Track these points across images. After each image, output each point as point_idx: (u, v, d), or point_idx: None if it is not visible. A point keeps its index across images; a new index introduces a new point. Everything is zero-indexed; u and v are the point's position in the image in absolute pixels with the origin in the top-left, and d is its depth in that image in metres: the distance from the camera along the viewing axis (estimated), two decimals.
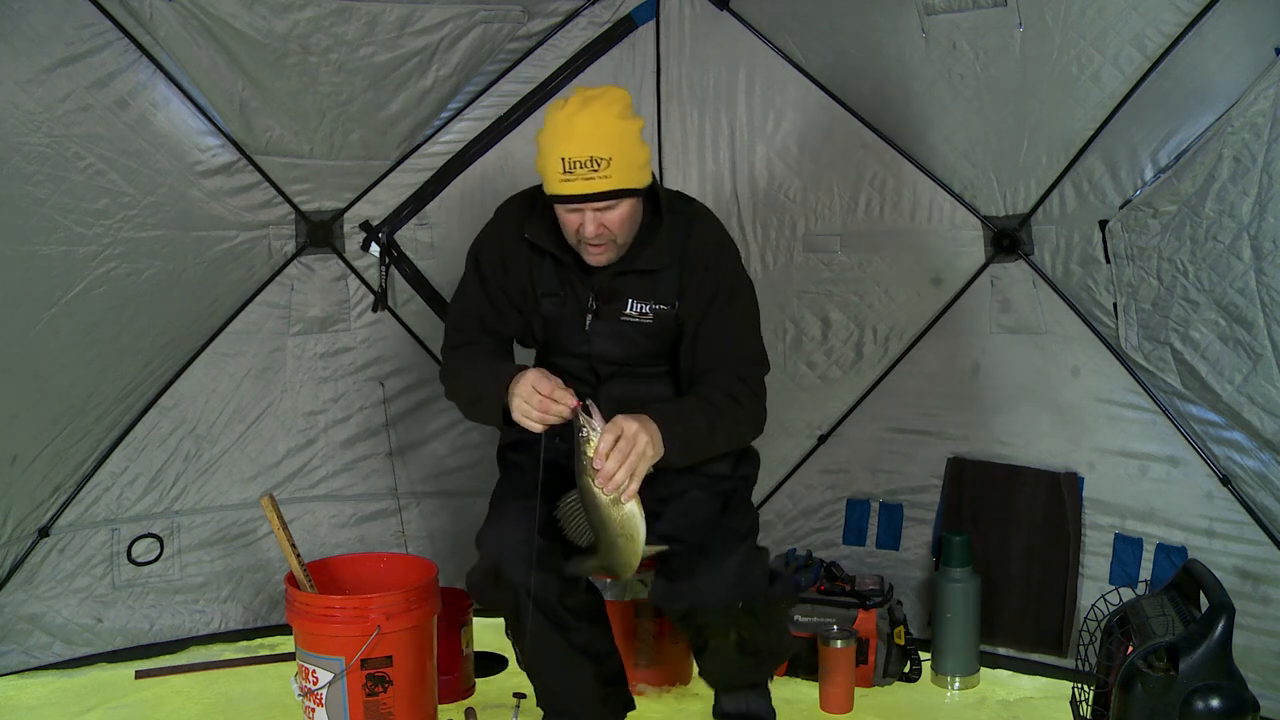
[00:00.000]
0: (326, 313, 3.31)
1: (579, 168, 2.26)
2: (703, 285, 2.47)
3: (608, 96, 2.31)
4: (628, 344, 2.50)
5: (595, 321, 2.49)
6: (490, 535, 2.43)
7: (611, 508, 2.18)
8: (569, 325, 2.51)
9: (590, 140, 2.26)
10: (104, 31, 2.74)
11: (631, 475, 2.17)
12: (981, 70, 2.88)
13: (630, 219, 2.37)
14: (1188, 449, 2.82)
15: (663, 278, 2.47)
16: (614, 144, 2.27)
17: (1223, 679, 2.13)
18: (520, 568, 2.33)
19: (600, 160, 2.25)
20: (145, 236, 2.92)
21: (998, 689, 3.02)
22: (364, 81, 3.05)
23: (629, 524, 2.19)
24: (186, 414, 3.20)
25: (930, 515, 3.24)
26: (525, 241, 2.48)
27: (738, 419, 2.44)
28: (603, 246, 2.38)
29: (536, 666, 2.53)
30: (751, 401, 2.47)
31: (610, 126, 2.28)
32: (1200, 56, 2.55)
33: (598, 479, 2.16)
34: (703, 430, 2.36)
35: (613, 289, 2.48)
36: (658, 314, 2.48)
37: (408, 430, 3.43)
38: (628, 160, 2.29)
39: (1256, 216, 2.44)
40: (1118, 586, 2.60)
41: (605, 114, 2.28)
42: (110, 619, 3.13)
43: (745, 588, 2.37)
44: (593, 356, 2.52)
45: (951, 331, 3.19)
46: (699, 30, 3.35)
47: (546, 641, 2.42)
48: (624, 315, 2.48)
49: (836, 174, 3.25)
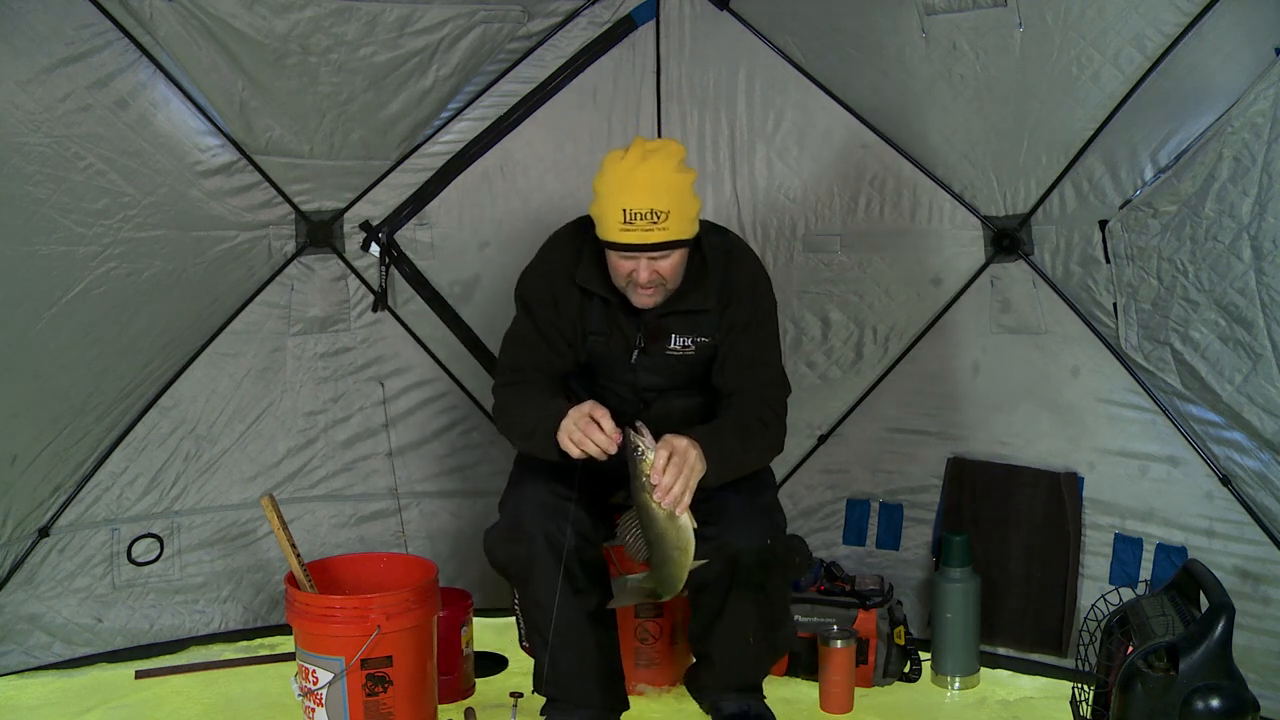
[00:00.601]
0: (326, 313, 3.31)
1: (639, 219, 2.39)
2: (739, 314, 2.62)
3: (667, 150, 2.46)
4: (670, 374, 2.66)
5: (641, 356, 2.63)
6: (512, 494, 2.57)
7: (668, 521, 2.31)
8: (616, 360, 2.65)
9: (651, 193, 2.40)
10: (104, 31, 2.74)
11: (685, 489, 2.30)
12: (981, 70, 2.88)
13: (680, 266, 2.52)
14: (1188, 449, 2.82)
15: (706, 314, 2.62)
16: (673, 197, 2.42)
17: (1223, 679, 2.13)
18: (541, 516, 2.46)
19: (660, 213, 2.39)
20: (145, 236, 2.92)
21: (998, 689, 3.02)
22: (364, 81, 3.05)
23: (683, 536, 2.32)
24: (186, 414, 3.20)
25: (930, 515, 3.24)
26: (574, 284, 2.61)
27: (765, 440, 2.60)
28: (652, 290, 2.51)
29: (544, 633, 2.53)
30: (776, 424, 2.62)
31: (670, 180, 2.42)
32: (1200, 56, 2.55)
33: (655, 493, 2.28)
34: (738, 451, 2.49)
35: (659, 328, 2.62)
36: (699, 345, 2.63)
37: (408, 430, 3.43)
38: (684, 213, 2.44)
39: (1256, 216, 2.44)
40: (1118, 586, 2.60)
41: (664, 167, 2.42)
42: (110, 619, 3.13)
43: (771, 529, 2.52)
44: (637, 386, 2.66)
45: (951, 331, 3.19)
46: (699, 30, 3.35)
47: (559, 602, 2.48)
48: (669, 350, 2.63)
49: (836, 174, 3.25)
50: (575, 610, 2.53)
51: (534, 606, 2.54)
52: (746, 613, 2.57)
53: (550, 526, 2.48)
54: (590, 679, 2.59)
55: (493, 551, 2.59)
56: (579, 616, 2.54)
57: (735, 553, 2.49)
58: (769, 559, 2.52)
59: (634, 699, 2.94)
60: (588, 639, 2.56)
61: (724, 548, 2.48)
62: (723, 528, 2.49)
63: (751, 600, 2.55)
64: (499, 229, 3.38)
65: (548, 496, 2.50)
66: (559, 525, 2.47)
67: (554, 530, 2.47)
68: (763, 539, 2.50)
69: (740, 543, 2.48)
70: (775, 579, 2.58)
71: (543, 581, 2.50)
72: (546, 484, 2.52)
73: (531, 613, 2.57)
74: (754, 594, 2.55)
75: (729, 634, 2.61)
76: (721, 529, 2.49)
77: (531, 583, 2.52)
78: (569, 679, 2.58)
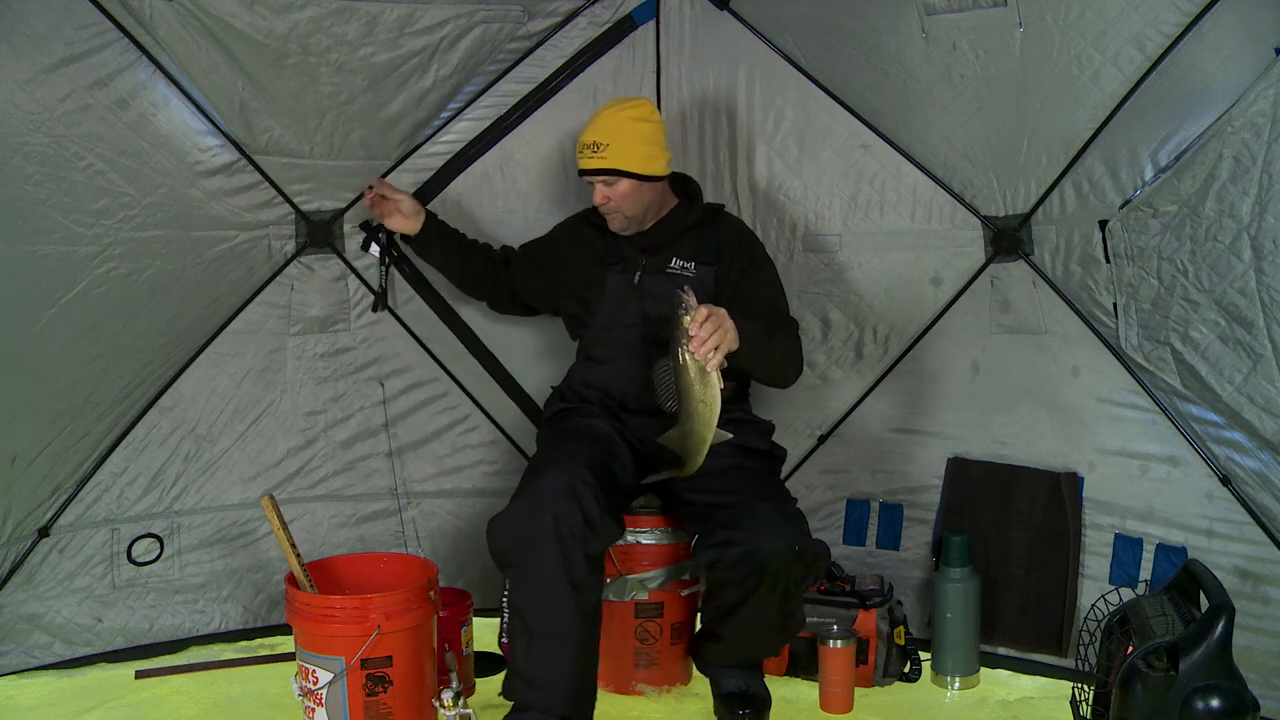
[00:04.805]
0: (326, 313, 3.31)
1: (586, 149, 2.84)
2: (739, 253, 2.94)
3: (626, 102, 2.91)
4: (670, 297, 2.67)
5: (644, 276, 2.91)
6: (530, 477, 2.67)
7: (699, 374, 2.48)
8: (621, 286, 2.93)
9: (597, 130, 2.84)
10: (104, 31, 2.73)
11: (717, 347, 2.45)
12: (981, 70, 2.88)
13: (632, 196, 2.86)
14: (1188, 449, 2.82)
15: (702, 239, 2.93)
16: (615, 133, 2.82)
17: (1223, 679, 2.13)
18: (555, 495, 2.53)
19: (601, 144, 2.82)
20: (145, 236, 2.92)
21: (998, 689, 3.02)
22: (364, 81, 3.05)
23: (710, 392, 2.50)
24: (186, 414, 3.20)
25: (930, 515, 3.24)
26: (589, 224, 3.04)
27: (788, 338, 2.84)
28: (613, 214, 2.90)
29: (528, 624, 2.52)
30: (796, 338, 2.87)
31: (617, 121, 2.84)
32: (1200, 56, 2.55)
33: (692, 344, 2.45)
34: (764, 337, 2.67)
35: (657, 248, 2.94)
36: (700, 270, 2.90)
37: (408, 430, 3.43)
38: (625, 147, 2.81)
39: (1256, 216, 2.44)
40: (1118, 586, 2.61)
41: (618, 114, 2.85)
42: (110, 619, 3.13)
43: (797, 535, 2.60)
44: (645, 313, 2.88)
45: (951, 331, 3.19)
46: (699, 30, 3.35)
47: (552, 589, 2.49)
48: (669, 269, 2.91)
49: (836, 174, 3.25)
50: (567, 603, 2.50)
51: (523, 594, 2.52)
52: (766, 609, 2.63)
53: (562, 508, 2.50)
54: (565, 684, 2.51)
55: (497, 534, 2.56)
56: (569, 611, 2.51)
57: (764, 559, 2.53)
58: (795, 564, 2.56)
59: (634, 699, 2.95)
60: (572, 641, 2.51)
61: (753, 554, 2.53)
62: (752, 533, 2.55)
63: (773, 600, 2.61)
64: (499, 229, 3.38)
65: (566, 480, 2.55)
66: (571, 509, 2.50)
67: (565, 512, 2.50)
68: (791, 545, 2.56)
69: (768, 548, 2.54)
70: (798, 581, 2.62)
71: (540, 564, 2.49)
72: (567, 468, 2.58)
73: (518, 602, 2.54)
74: (777, 594, 2.59)
75: (744, 623, 2.68)
76: (751, 534, 2.54)
77: (527, 565, 2.51)
78: (545, 678, 2.51)
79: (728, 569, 2.59)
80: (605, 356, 2.96)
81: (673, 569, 2.96)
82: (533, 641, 2.52)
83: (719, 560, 2.59)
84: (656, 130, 2.88)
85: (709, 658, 2.84)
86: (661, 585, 2.95)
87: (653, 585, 2.95)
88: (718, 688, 2.82)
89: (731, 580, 2.60)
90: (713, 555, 2.60)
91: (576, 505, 2.52)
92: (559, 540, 2.48)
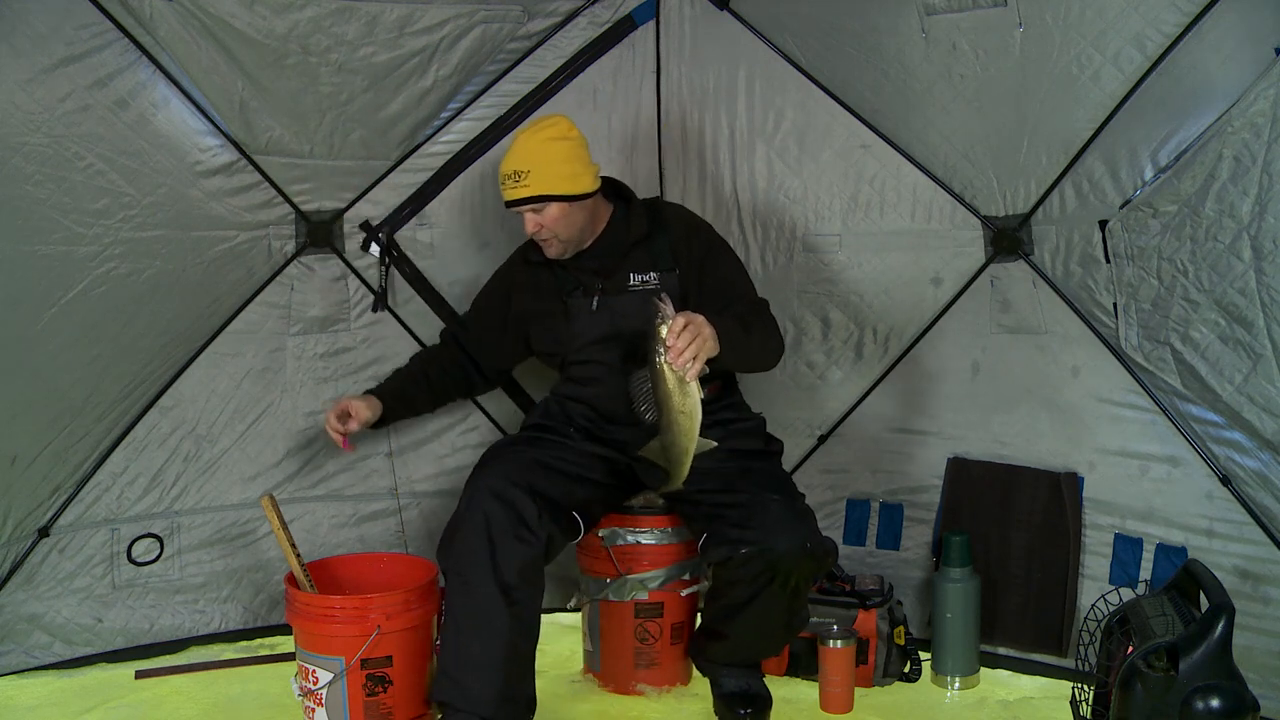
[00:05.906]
0: (326, 313, 3.31)
1: (508, 180, 2.74)
2: (693, 249, 2.84)
3: (542, 123, 2.79)
4: (643, 313, 2.62)
5: (604, 298, 2.82)
6: (467, 487, 2.65)
7: (678, 384, 2.40)
8: (584, 312, 2.83)
9: (514, 158, 2.74)
10: (104, 31, 2.73)
11: (695, 357, 2.38)
12: (981, 70, 2.88)
13: (564, 219, 2.75)
14: (1188, 449, 2.81)
15: (653, 248, 2.83)
16: (533, 159, 2.71)
17: (1223, 679, 2.13)
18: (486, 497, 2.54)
19: (521, 173, 2.71)
20: (145, 236, 2.92)
21: (998, 689, 3.02)
22: (364, 81, 3.05)
23: (689, 402, 2.41)
24: (186, 414, 3.20)
25: (930, 515, 3.24)
26: (529, 262, 2.93)
27: (765, 327, 2.75)
28: (547, 241, 2.80)
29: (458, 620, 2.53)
30: (771, 324, 2.79)
31: (533, 146, 2.74)
32: (1200, 56, 2.55)
33: (669, 354, 2.37)
34: (741, 333, 2.59)
35: (611, 269, 2.83)
36: (662, 278, 2.80)
37: (408, 430, 3.43)
38: (545, 171, 2.71)
39: (1256, 216, 2.44)
40: (1118, 586, 2.60)
41: (533, 138, 2.75)
42: (110, 619, 3.13)
43: (808, 533, 2.59)
44: (619, 332, 2.78)
45: (951, 331, 3.19)
46: (699, 30, 3.35)
47: (481, 587, 2.50)
48: (630, 286, 2.81)
49: (836, 174, 3.25)
50: (496, 603, 2.49)
51: (454, 591, 2.54)
52: (774, 607, 2.64)
53: (491, 507, 2.53)
54: (493, 687, 2.49)
55: (441, 544, 2.62)
56: (499, 612, 2.50)
57: (777, 557, 2.54)
58: (807, 562, 2.58)
59: (634, 699, 2.95)
60: (501, 642, 2.50)
61: (766, 552, 2.54)
62: (764, 531, 2.56)
63: (783, 597, 2.61)
64: (499, 229, 3.37)
65: (496, 483, 2.58)
66: (499, 509, 2.53)
67: (494, 511, 2.53)
68: (803, 543, 2.56)
69: (781, 547, 2.54)
70: (807, 579, 2.63)
71: (468, 561, 2.51)
72: (497, 471, 2.62)
73: (450, 602, 2.56)
74: (787, 592, 2.60)
75: (751, 622, 2.68)
76: (763, 533, 2.55)
77: (457, 563, 2.53)
78: (471, 678, 2.49)
79: (739, 567, 2.58)
80: (586, 378, 2.90)
81: (673, 569, 2.96)
82: (460, 639, 2.52)
83: (730, 558, 2.59)
84: (576, 146, 2.77)
85: (711, 656, 2.84)
86: (661, 585, 2.95)
87: (653, 585, 2.95)
88: (718, 687, 2.82)
89: (742, 578, 2.60)
90: (724, 553, 2.60)
91: (507, 505, 2.54)
92: (489, 540, 2.51)
